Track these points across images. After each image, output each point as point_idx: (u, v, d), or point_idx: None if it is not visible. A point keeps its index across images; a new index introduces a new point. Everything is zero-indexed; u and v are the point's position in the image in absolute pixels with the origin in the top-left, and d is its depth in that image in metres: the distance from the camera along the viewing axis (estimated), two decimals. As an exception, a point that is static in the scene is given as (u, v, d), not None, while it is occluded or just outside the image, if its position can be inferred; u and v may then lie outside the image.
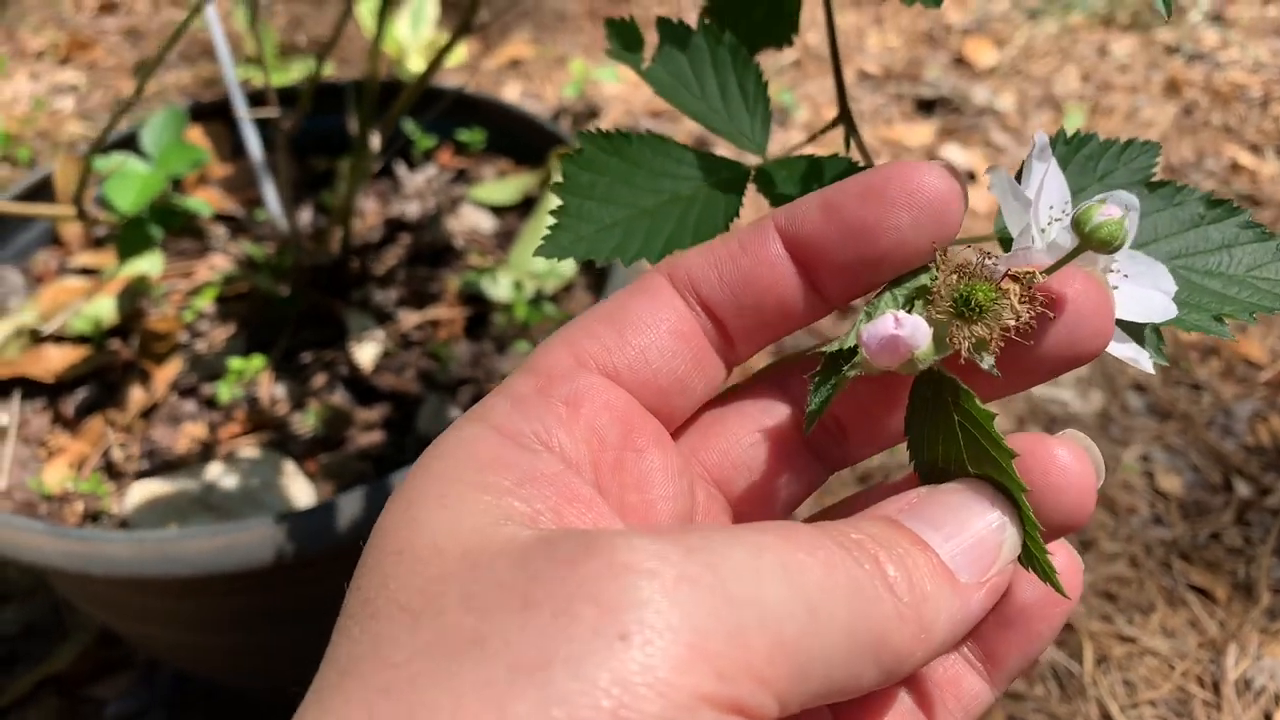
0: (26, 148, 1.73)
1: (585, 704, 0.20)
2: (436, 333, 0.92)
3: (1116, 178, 0.35)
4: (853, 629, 0.23)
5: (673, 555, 0.22)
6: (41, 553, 0.73)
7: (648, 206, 0.37)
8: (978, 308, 0.27)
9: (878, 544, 0.25)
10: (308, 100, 0.82)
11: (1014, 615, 0.29)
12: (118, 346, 0.96)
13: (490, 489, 0.24)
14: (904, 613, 0.24)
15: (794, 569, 0.22)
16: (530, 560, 0.22)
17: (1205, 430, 1.18)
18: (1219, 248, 0.33)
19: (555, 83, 1.85)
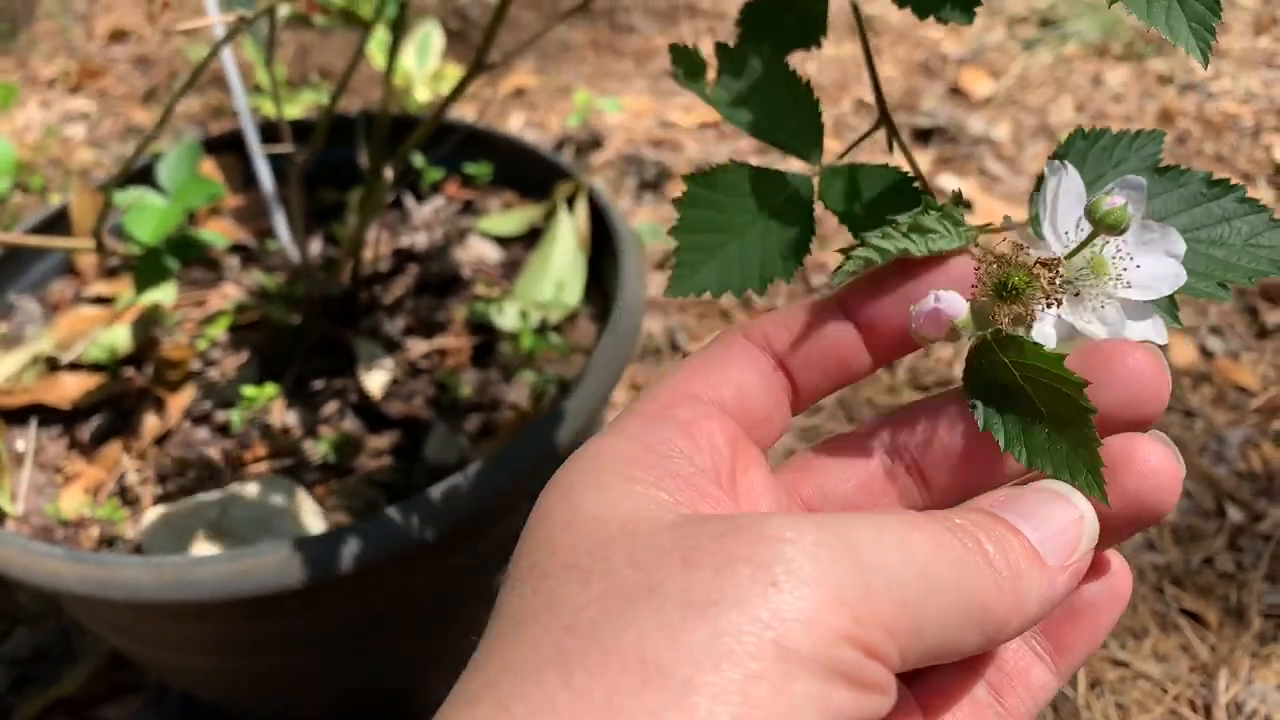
0: (39, 175, 1.76)
1: (750, 633, 0.24)
2: (444, 361, 0.95)
3: (1129, 164, 0.38)
4: (960, 597, 0.27)
5: (809, 528, 0.26)
6: (59, 578, 0.75)
7: (739, 226, 0.42)
8: (1014, 290, 0.32)
9: (978, 528, 0.29)
10: (321, 136, 0.84)
11: (1081, 608, 0.33)
12: (132, 374, 0.98)
13: (637, 480, 0.29)
14: (1002, 585, 0.28)
15: (909, 544, 0.26)
16: (686, 532, 0.26)
17: (1198, 456, 1.20)
18: (1220, 220, 0.37)
19: (559, 112, 1.88)
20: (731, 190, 0.42)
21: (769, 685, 0.23)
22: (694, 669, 0.23)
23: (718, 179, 0.42)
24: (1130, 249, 0.35)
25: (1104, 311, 0.35)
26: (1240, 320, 1.40)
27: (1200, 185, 0.38)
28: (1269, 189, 1.63)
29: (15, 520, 0.88)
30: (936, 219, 0.35)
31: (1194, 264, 0.37)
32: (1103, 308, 0.35)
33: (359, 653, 0.87)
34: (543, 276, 0.99)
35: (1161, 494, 0.31)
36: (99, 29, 2.25)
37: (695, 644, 0.23)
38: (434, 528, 0.73)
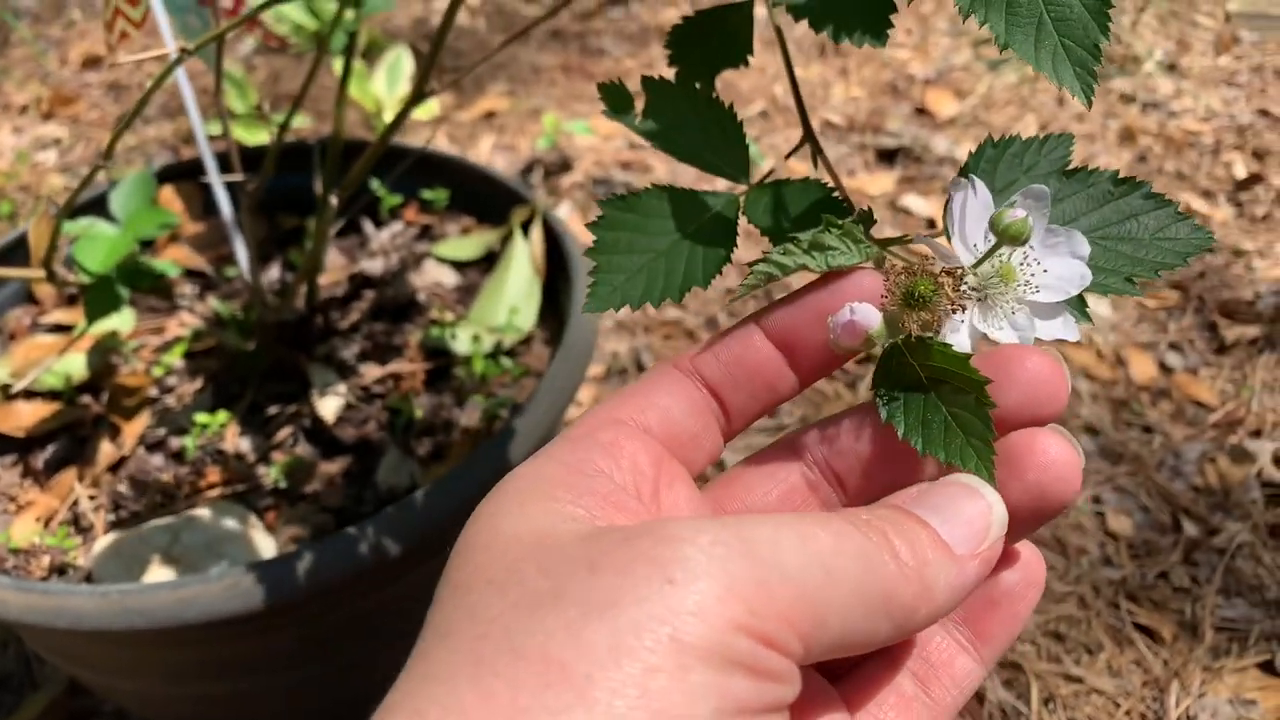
0: (9, 201, 1.76)
1: (648, 629, 0.25)
2: (398, 386, 0.95)
3: (1039, 168, 0.40)
4: (863, 587, 0.28)
5: (706, 528, 0.27)
6: (6, 607, 0.75)
7: (660, 248, 0.43)
8: (921, 298, 0.34)
9: (885, 521, 0.30)
10: (271, 163, 0.85)
11: (998, 597, 0.35)
12: (88, 402, 0.98)
13: (557, 499, 0.30)
14: (908, 574, 0.29)
15: (808, 539, 0.28)
16: (594, 541, 0.28)
17: (1155, 472, 1.22)
18: (1128, 217, 0.39)
19: (529, 135, 1.89)
20: (651, 213, 0.44)
21: (666, 677, 0.24)
22: (595, 666, 0.24)
23: (637, 202, 0.44)
24: (1037, 254, 0.37)
25: (1015, 317, 0.37)
26: (1199, 336, 1.41)
27: (1108, 184, 0.39)
28: (1229, 206, 1.65)
29: (-33, 549, 0.88)
30: (837, 236, 0.36)
31: (1104, 261, 0.38)
32: (1013, 314, 0.37)
33: (313, 675, 0.87)
34: (497, 301, 0.99)
35: (1062, 484, 0.32)
36: (72, 55, 2.26)
37: (596, 643, 0.25)
38: (384, 549, 0.74)
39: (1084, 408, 1.30)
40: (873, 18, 0.44)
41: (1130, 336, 1.41)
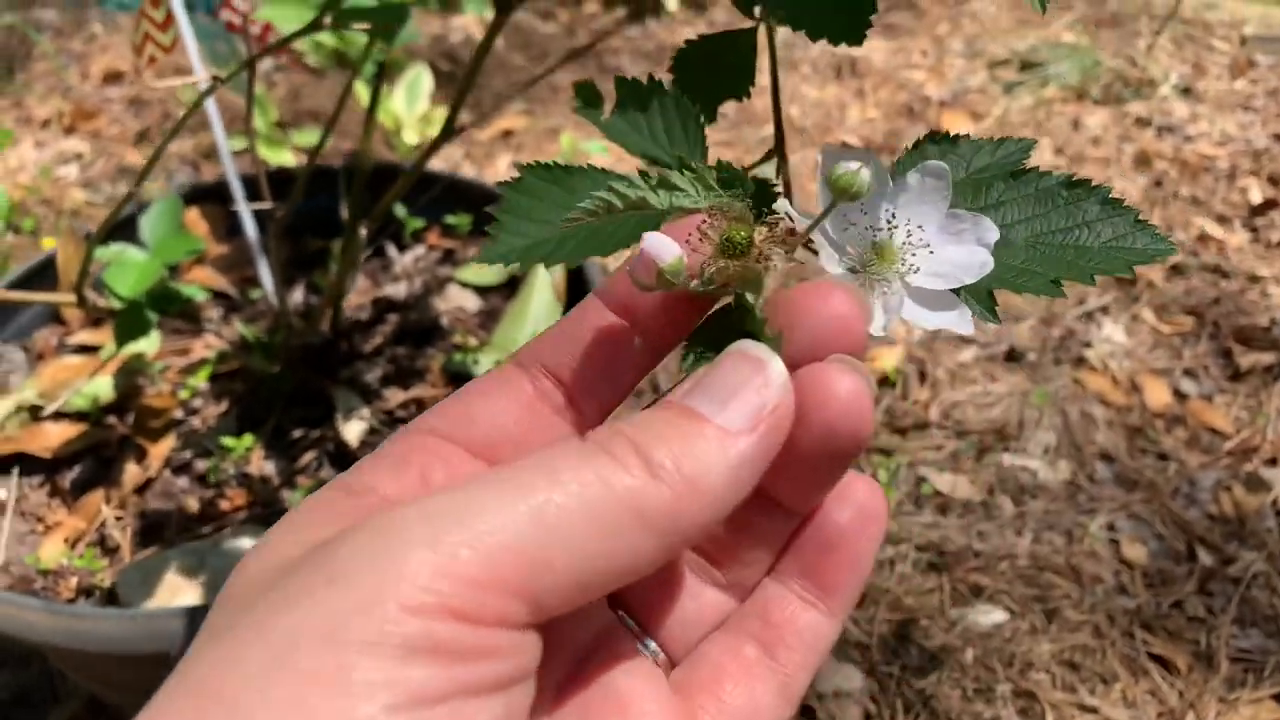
0: (31, 217, 1.78)
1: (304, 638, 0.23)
2: (421, 411, 0.96)
3: (987, 172, 0.38)
4: (594, 512, 0.26)
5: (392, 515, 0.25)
6: (35, 629, 0.76)
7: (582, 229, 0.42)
8: (736, 246, 0.31)
9: (636, 426, 0.28)
10: (301, 190, 0.86)
11: (835, 538, 0.32)
12: (114, 423, 0.99)
13: (310, 526, 0.28)
14: (661, 477, 0.26)
15: (510, 485, 0.26)
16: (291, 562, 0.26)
17: (1170, 499, 1.22)
18: (1079, 224, 0.36)
19: (546, 154, 1.90)
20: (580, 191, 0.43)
21: (323, 686, 0.23)
22: (253, 693, 0.23)
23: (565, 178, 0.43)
24: (933, 236, 0.35)
25: (888, 299, 0.34)
26: (1214, 363, 1.42)
27: (1058, 187, 0.37)
28: (1245, 231, 1.66)
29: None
30: (689, 179, 0.34)
31: (1035, 262, 0.36)
32: (888, 295, 0.34)
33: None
34: (520, 326, 1.00)
35: (853, 422, 0.29)
36: (93, 70, 2.28)
37: (253, 667, 0.23)
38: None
39: (1099, 434, 1.31)
40: (851, 21, 0.43)
41: (1145, 363, 1.41)
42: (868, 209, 0.35)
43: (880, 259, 0.34)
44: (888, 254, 0.34)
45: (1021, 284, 0.36)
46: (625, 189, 0.32)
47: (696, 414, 0.28)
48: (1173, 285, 1.55)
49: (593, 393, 0.33)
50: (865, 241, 0.35)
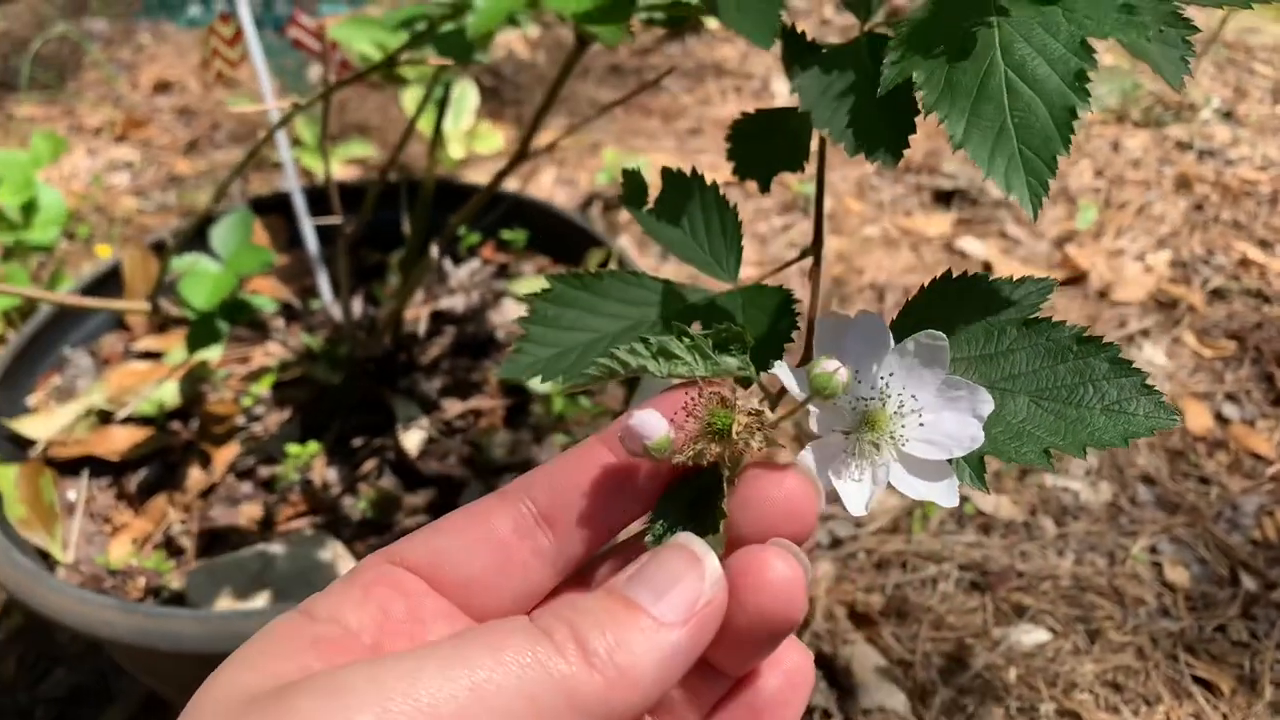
0: (86, 224, 1.82)
1: None
2: (478, 422, 0.98)
3: (1007, 314, 0.38)
4: (529, 693, 0.27)
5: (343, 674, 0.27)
6: (111, 627, 0.78)
7: (611, 331, 0.43)
8: (718, 431, 0.33)
9: (578, 612, 0.29)
10: (370, 207, 0.89)
11: (762, 704, 0.34)
12: (179, 428, 1.02)
13: (272, 655, 0.30)
14: (596, 665, 0.28)
15: (455, 658, 0.27)
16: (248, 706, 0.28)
17: (1213, 524, 1.22)
18: (1087, 381, 0.36)
19: (588, 169, 1.93)
20: (610, 295, 0.44)
21: None
22: None
23: (595, 283, 0.44)
24: (927, 403, 0.35)
25: (877, 470, 0.35)
26: (1256, 387, 1.42)
27: (1069, 341, 0.37)
28: (1285, 256, 1.66)
29: (66, 568, 0.92)
30: (685, 347, 0.35)
31: (1034, 425, 0.36)
32: (879, 465, 0.35)
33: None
34: (574, 340, 1.02)
35: (786, 605, 0.32)
36: (143, 79, 2.33)
37: None
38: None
39: (1140, 457, 1.31)
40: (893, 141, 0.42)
41: (1186, 386, 1.42)
42: (861, 374, 0.35)
43: (871, 428, 0.35)
44: (879, 423, 0.35)
45: (1013, 450, 0.36)
46: (627, 356, 0.34)
47: (634, 604, 0.30)
48: (1214, 310, 1.55)
49: (578, 534, 0.35)
50: (858, 409, 0.35)
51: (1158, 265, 1.64)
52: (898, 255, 1.68)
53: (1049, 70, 0.37)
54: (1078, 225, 1.72)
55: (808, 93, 0.42)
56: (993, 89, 0.37)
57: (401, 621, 0.33)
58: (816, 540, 1.21)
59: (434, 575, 0.34)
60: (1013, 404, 0.37)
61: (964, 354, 0.38)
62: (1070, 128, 0.36)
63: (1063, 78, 0.37)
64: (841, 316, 0.37)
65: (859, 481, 0.35)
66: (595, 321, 0.43)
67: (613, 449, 0.35)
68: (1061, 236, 1.71)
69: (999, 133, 0.36)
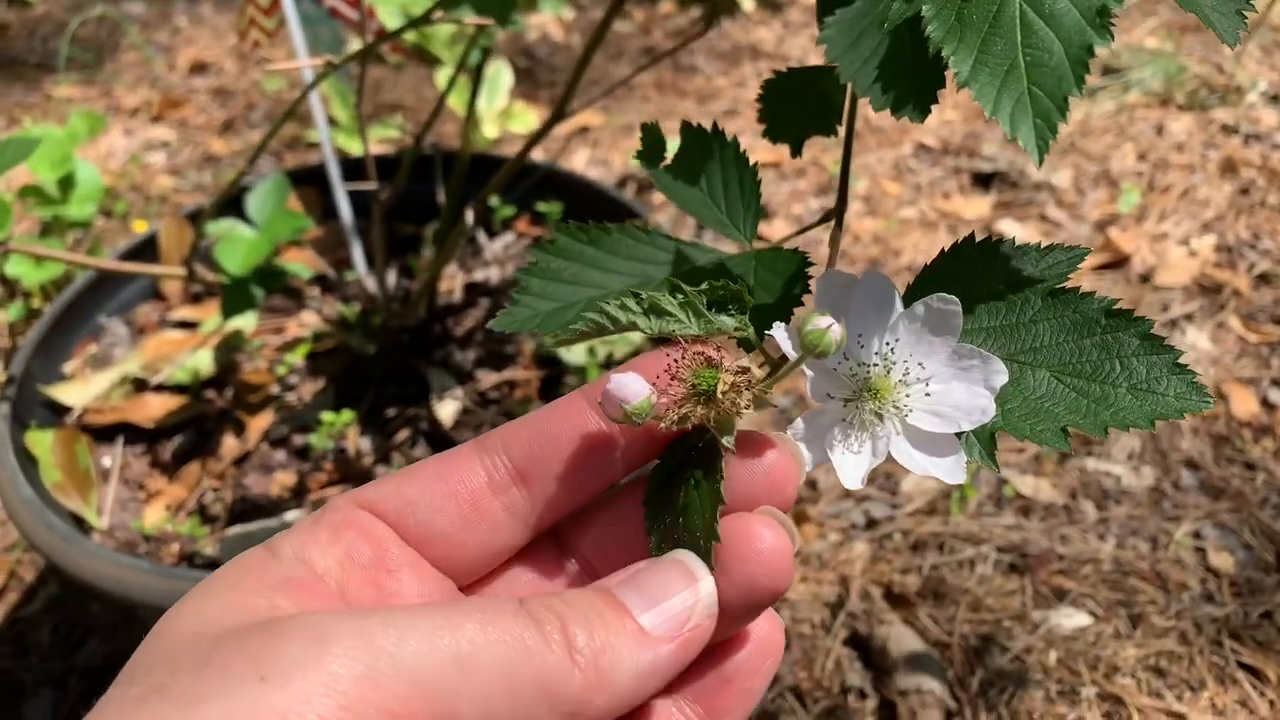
0: (123, 201, 1.83)
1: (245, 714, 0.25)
2: (513, 393, 0.98)
3: (1027, 284, 0.36)
4: (510, 676, 0.27)
5: (325, 622, 0.27)
6: (146, 590, 0.78)
7: (614, 288, 0.41)
8: (703, 392, 0.32)
9: (569, 607, 0.29)
10: (405, 176, 0.88)
11: (730, 673, 0.34)
12: (213, 396, 1.02)
13: (240, 589, 0.30)
14: (578, 662, 0.28)
15: (442, 627, 0.27)
16: (227, 636, 0.27)
17: (1258, 509, 1.20)
18: (1114, 357, 0.34)
19: (622, 150, 1.91)
20: (617, 251, 0.42)
21: None
22: None
23: (603, 237, 0.42)
24: (935, 373, 0.33)
25: (877, 442, 0.33)
26: (1303, 373, 1.39)
27: (1099, 313, 0.35)
28: (1334, 241, 1.62)
29: (101, 534, 0.92)
30: (678, 304, 0.33)
31: (1053, 402, 0.34)
32: (878, 437, 0.33)
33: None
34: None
35: (773, 576, 0.31)
36: (180, 61, 2.34)
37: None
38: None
39: (1184, 441, 1.29)
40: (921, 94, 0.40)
41: (1231, 371, 1.39)
42: (864, 339, 0.33)
43: (873, 396, 0.33)
44: (882, 391, 0.33)
45: (1028, 428, 0.34)
46: (616, 311, 0.33)
47: (625, 610, 0.30)
48: (1260, 294, 1.52)
49: (554, 492, 0.34)
50: (859, 376, 0.33)
51: (1202, 249, 1.61)
52: (935, 238, 1.65)
53: (1068, 5, 0.35)
54: (1120, 209, 1.69)
55: (835, 43, 0.40)
56: (1005, 23, 0.35)
57: (367, 568, 0.32)
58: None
59: (401, 523, 0.33)
60: (1032, 378, 0.35)
61: (982, 324, 0.36)
62: (1086, 67, 0.33)
63: (1083, 13, 0.34)
64: (847, 276, 0.34)
65: (857, 454, 0.33)
66: (599, 277, 0.41)
67: (592, 403, 0.34)
68: (1103, 220, 1.68)
69: (1008, 70, 0.34)
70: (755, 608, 0.32)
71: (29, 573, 1.25)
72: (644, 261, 0.42)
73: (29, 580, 1.24)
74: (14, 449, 0.88)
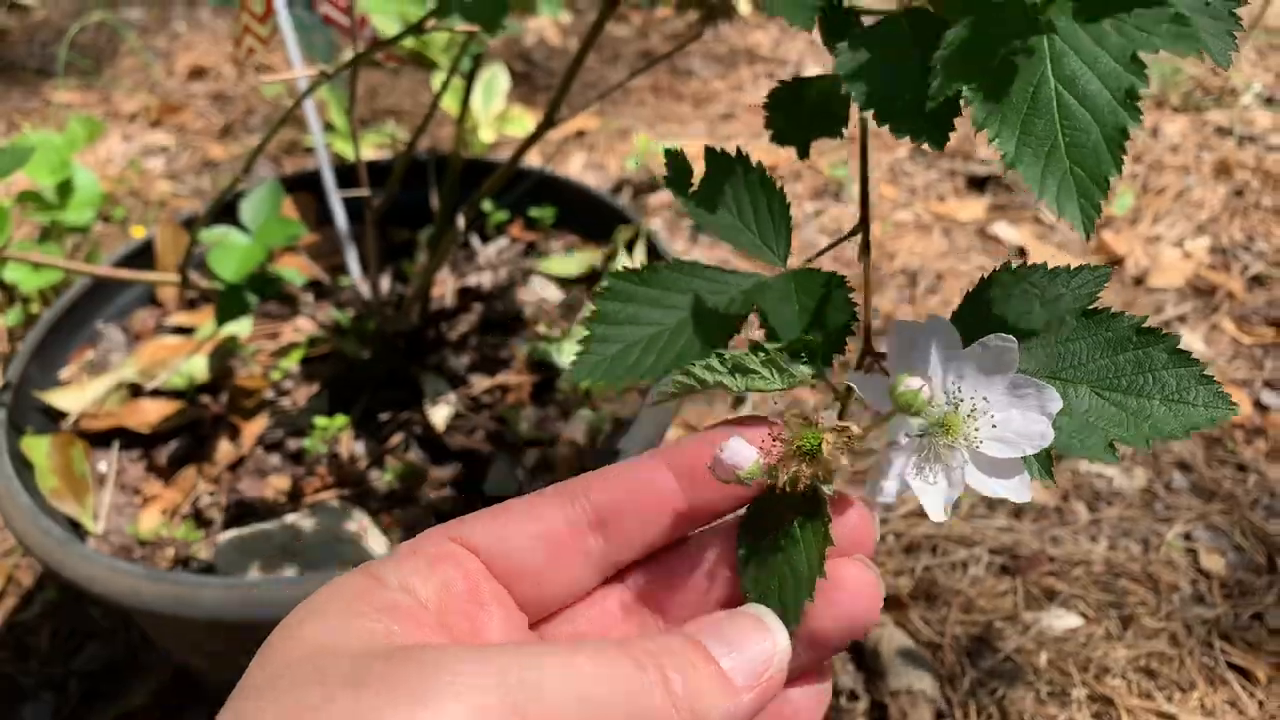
0: (121, 207, 1.84)
1: None
2: (505, 397, 0.98)
3: (1061, 303, 0.38)
4: (627, 714, 0.29)
5: (470, 656, 0.29)
6: (139, 595, 0.79)
7: (669, 324, 0.43)
8: (807, 451, 0.34)
9: (664, 652, 0.31)
10: (397, 181, 0.88)
11: (789, 713, 0.36)
12: (208, 401, 1.03)
13: (358, 613, 0.31)
14: (677, 705, 0.30)
15: (571, 667, 0.29)
16: (367, 658, 0.29)
17: (1250, 511, 1.20)
18: (1146, 371, 0.36)
19: (618, 154, 1.92)
20: (670, 287, 0.44)
21: None
22: None
23: (654, 277, 0.44)
24: (996, 403, 0.35)
25: (953, 473, 0.35)
26: (1296, 374, 1.39)
27: (1129, 331, 0.37)
28: (1328, 243, 1.63)
29: (96, 538, 0.93)
30: (760, 361, 0.36)
31: (1096, 417, 0.36)
32: (953, 468, 0.35)
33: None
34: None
35: (871, 609, 0.35)
36: (179, 66, 2.35)
37: None
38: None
39: (1176, 443, 1.29)
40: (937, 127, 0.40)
41: (1224, 373, 1.40)
42: (934, 379, 0.36)
43: (946, 431, 0.35)
44: (953, 426, 0.35)
45: (1078, 444, 0.36)
46: (702, 373, 0.36)
47: (710, 655, 0.32)
48: (1254, 296, 1.53)
49: (632, 541, 0.37)
50: (933, 414, 0.36)
51: (1196, 251, 1.61)
52: (930, 240, 1.66)
53: (1100, 86, 0.36)
54: (1114, 210, 1.70)
55: (848, 70, 0.41)
56: (1043, 103, 0.36)
57: (462, 600, 0.34)
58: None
59: (490, 559, 0.36)
60: (1075, 395, 0.37)
61: (1025, 345, 0.38)
62: (1123, 148, 0.35)
63: (1113, 94, 0.36)
64: (915, 325, 0.37)
65: (934, 484, 0.36)
66: (655, 314, 0.43)
67: (670, 465, 0.37)
68: (1098, 222, 1.69)
69: (1050, 151, 0.36)
70: (850, 638, 0.35)
71: (27, 577, 1.26)
72: (689, 293, 0.44)
73: (27, 585, 1.25)
74: (10, 455, 0.89)
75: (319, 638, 0.30)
